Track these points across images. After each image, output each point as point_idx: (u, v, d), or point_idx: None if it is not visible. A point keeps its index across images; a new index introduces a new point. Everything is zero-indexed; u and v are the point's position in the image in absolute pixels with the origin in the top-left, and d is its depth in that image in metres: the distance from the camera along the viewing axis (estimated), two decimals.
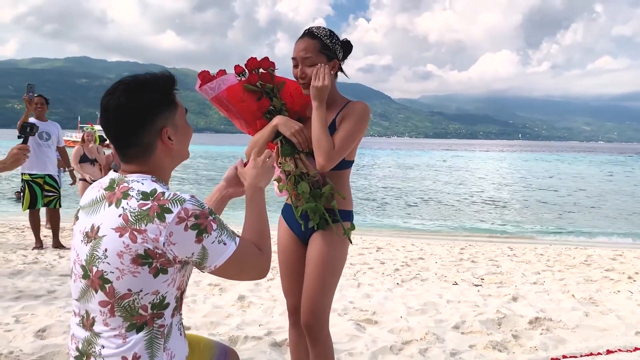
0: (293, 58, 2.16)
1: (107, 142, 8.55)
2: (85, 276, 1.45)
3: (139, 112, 1.43)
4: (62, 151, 7.04)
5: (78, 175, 7.82)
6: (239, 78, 2.18)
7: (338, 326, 3.67)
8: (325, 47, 2.12)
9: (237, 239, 1.46)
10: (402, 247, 8.05)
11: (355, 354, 3.20)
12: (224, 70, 2.18)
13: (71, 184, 7.91)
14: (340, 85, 2.28)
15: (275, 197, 2.40)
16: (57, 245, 6.72)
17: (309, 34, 2.14)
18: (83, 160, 7.92)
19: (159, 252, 1.37)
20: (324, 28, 2.16)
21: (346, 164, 2.20)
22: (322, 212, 2.14)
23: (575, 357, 3.30)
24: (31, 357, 2.93)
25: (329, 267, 2.18)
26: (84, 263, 1.45)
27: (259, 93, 2.19)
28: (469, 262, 6.92)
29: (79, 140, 9.14)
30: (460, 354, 3.28)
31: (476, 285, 5.34)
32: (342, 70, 2.23)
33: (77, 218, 1.55)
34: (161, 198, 1.38)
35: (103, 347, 1.43)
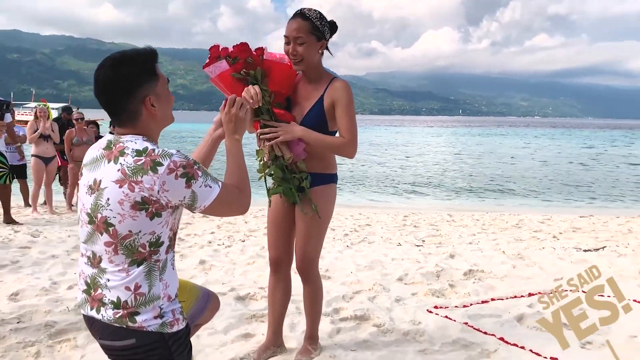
0: (285, 36, 2.41)
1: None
2: (90, 222, 1.72)
3: (123, 84, 1.68)
4: (9, 127, 6.96)
5: (31, 151, 7.74)
6: (232, 61, 2.38)
7: (295, 282, 4.01)
8: (316, 28, 2.38)
9: (220, 183, 1.76)
10: (351, 216, 8.48)
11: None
12: (244, 44, 2.36)
13: (19, 160, 7.83)
14: None
15: None
16: (9, 221, 6.71)
17: (301, 15, 2.40)
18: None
19: (154, 198, 1.65)
20: (314, 10, 2.42)
21: (330, 134, 2.51)
22: (293, 197, 2.48)
23: (502, 299, 3.80)
24: (10, 316, 3.12)
25: (317, 221, 2.55)
26: (89, 211, 1.72)
27: (244, 81, 2.36)
28: (412, 227, 7.44)
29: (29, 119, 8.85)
30: (403, 300, 3.72)
31: (418, 246, 5.82)
32: (327, 49, 2.50)
33: (81, 174, 1.81)
34: (152, 154, 1.66)
35: (109, 280, 1.71)
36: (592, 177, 18.43)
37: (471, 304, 3.64)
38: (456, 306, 3.60)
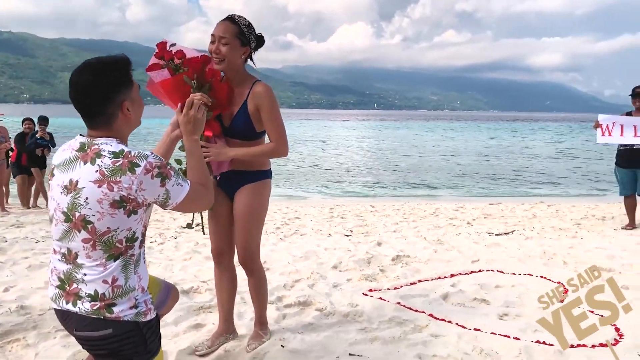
0: (212, 35, 2.52)
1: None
2: (67, 220, 1.81)
3: (104, 89, 1.80)
4: None
5: None
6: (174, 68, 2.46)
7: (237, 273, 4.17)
8: (242, 33, 2.52)
9: (189, 182, 1.91)
10: (279, 210, 8.67)
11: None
12: (181, 51, 2.46)
13: None
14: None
15: None
16: None
17: (231, 19, 2.54)
18: None
19: (132, 197, 1.78)
20: (244, 18, 2.56)
21: (258, 135, 2.66)
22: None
23: (428, 280, 4.17)
24: None
25: (254, 216, 2.70)
26: (65, 210, 1.81)
27: (188, 87, 2.44)
28: (339, 218, 7.77)
29: None
30: (340, 285, 3.99)
31: (347, 236, 6.14)
32: (251, 59, 2.65)
33: (52, 175, 1.88)
34: (129, 155, 1.78)
35: (85, 274, 1.81)
36: (498, 167, 19.81)
37: (401, 286, 3.98)
38: (388, 288, 3.92)
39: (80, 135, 1.90)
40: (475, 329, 3.12)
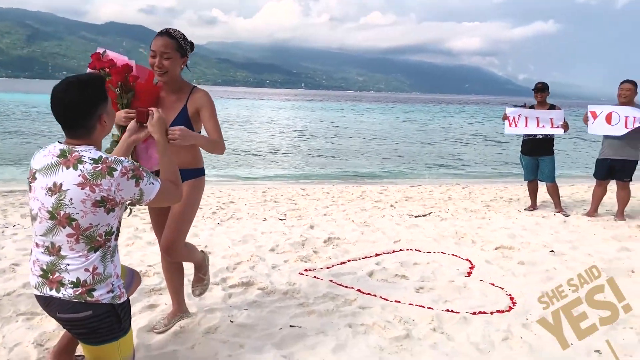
0: (153, 50, 2.76)
1: None
2: (52, 218, 2.10)
3: (86, 106, 2.10)
4: None
5: None
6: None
7: None
8: (180, 46, 2.80)
9: (159, 180, 2.25)
10: (212, 194, 8.91)
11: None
12: (111, 60, 2.74)
13: None
14: (119, 26, 2.84)
15: None
16: None
17: (168, 34, 2.78)
18: None
19: (111, 197, 2.10)
20: (179, 31, 2.84)
21: None
22: None
23: (356, 259, 4.67)
24: None
25: (189, 210, 2.93)
26: (50, 209, 2.09)
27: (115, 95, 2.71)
28: (272, 202, 8.15)
29: None
30: (279, 266, 4.41)
31: (281, 220, 6.54)
32: (187, 66, 2.91)
33: (34, 178, 2.15)
34: (107, 161, 2.09)
35: (68, 264, 2.12)
36: (421, 149, 20.87)
37: (333, 266, 4.46)
38: (321, 268, 4.38)
39: (59, 142, 2.17)
40: (396, 301, 3.65)
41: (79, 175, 2.06)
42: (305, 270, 4.31)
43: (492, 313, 3.50)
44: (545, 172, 7.37)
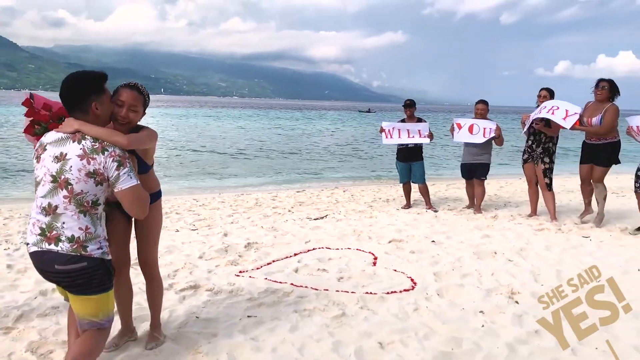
0: (121, 100, 2.90)
1: None
2: (54, 181, 2.61)
3: (81, 92, 2.69)
4: None
5: None
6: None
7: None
8: (145, 102, 3.09)
9: (138, 180, 2.74)
10: None
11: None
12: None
13: None
14: None
15: None
16: None
17: (137, 89, 3.00)
18: None
19: (100, 172, 2.63)
20: (143, 87, 3.10)
21: (149, 167, 3.24)
22: None
23: (279, 260, 5.36)
24: None
25: (155, 231, 3.30)
26: (54, 173, 2.61)
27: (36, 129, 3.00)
28: (174, 214, 8.47)
29: None
30: (213, 271, 4.95)
31: (193, 230, 6.99)
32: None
33: (44, 149, 2.66)
34: (103, 143, 2.66)
35: (64, 223, 2.61)
36: (293, 155, 21.94)
37: (261, 266, 5.11)
38: (252, 269, 5.01)
39: None
40: (324, 289, 4.42)
41: (80, 149, 2.61)
42: (240, 271, 4.91)
43: (401, 292, 4.42)
44: (417, 175, 8.66)
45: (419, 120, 8.65)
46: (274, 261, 5.31)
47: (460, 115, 9.19)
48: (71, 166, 2.58)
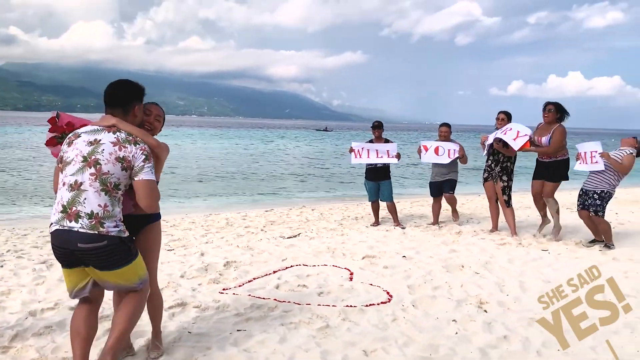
0: (150, 110, 3.36)
1: None
2: (84, 160, 2.91)
3: (129, 94, 3.10)
4: None
5: None
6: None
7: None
8: (164, 117, 3.51)
9: (155, 178, 3.06)
10: None
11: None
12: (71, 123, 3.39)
13: None
14: None
15: None
16: None
17: (159, 106, 3.51)
18: None
19: (128, 159, 2.95)
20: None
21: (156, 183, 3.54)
22: None
23: (259, 277, 5.56)
24: None
25: (157, 248, 3.52)
26: (85, 154, 2.92)
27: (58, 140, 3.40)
28: None
29: None
30: (197, 289, 5.11)
31: (170, 250, 7.10)
32: None
33: (78, 136, 2.98)
34: (136, 138, 3.00)
35: (86, 198, 2.87)
36: (253, 174, 22.09)
37: (243, 284, 5.30)
38: (235, 287, 5.20)
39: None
40: (307, 304, 4.66)
41: (115, 138, 2.96)
42: (224, 289, 5.09)
43: (378, 304, 4.69)
44: (385, 194, 9.02)
45: (387, 141, 9.05)
46: (254, 279, 5.51)
47: (418, 133, 9.74)
48: (103, 149, 2.92)
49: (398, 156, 8.84)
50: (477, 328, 4.18)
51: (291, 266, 6.04)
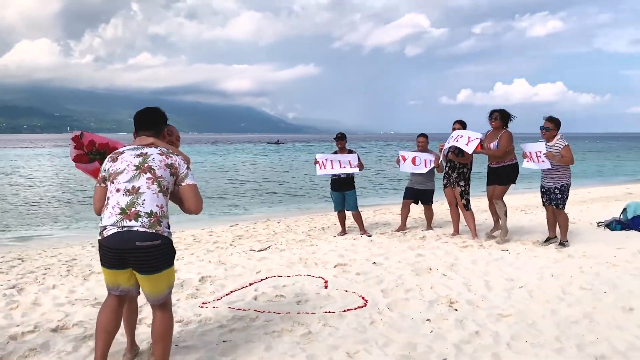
0: (172, 131, 3.81)
1: None
2: (137, 169, 3.16)
3: (160, 119, 3.46)
4: None
5: None
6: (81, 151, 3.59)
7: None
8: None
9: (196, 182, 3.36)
10: (47, 254, 8.77)
11: None
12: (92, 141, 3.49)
13: None
14: None
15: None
16: None
17: (175, 129, 3.91)
18: None
19: (175, 165, 3.25)
20: None
21: None
22: None
23: (236, 290, 5.67)
24: None
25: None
26: (137, 164, 3.18)
27: (90, 157, 3.68)
28: None
29: None
30: (176, 305, 5.16)
31: None
32: None
33: (122, 153, 3.25)
34: (175, 152, 3.33)
35: (144, 200, 3.11)
36: (209, 189, 22.02)
37: (222, 297, 5.40)
38: (214, 300, 5.29)
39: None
40: (287, 313, 4.81)
41: (159, 150, 3.28)
42: (203, 303, 5.17)
43: (355, 309, 4.90)
44: (350, 203, 9.27)
45: (350, 151, 9.31)
46: (232, 292, 5.61)
47: (373, 143, 10.10)
48: (153, 158, 3.24)
49: (360, 166, 9.10)
50: (450, 326, 4.44)
51: (266, 278, 6.18)
